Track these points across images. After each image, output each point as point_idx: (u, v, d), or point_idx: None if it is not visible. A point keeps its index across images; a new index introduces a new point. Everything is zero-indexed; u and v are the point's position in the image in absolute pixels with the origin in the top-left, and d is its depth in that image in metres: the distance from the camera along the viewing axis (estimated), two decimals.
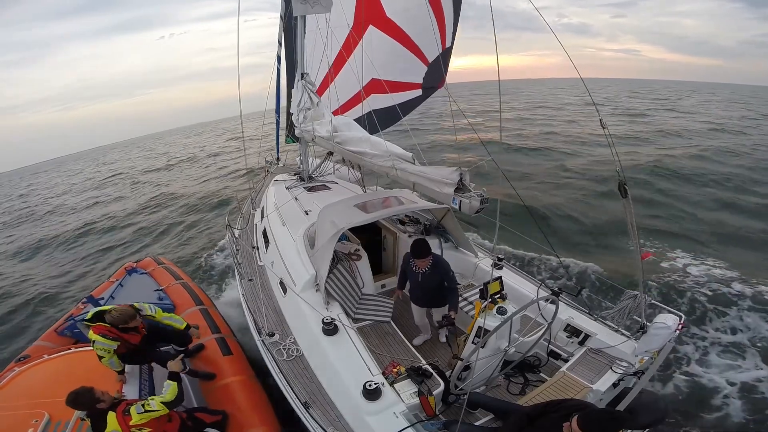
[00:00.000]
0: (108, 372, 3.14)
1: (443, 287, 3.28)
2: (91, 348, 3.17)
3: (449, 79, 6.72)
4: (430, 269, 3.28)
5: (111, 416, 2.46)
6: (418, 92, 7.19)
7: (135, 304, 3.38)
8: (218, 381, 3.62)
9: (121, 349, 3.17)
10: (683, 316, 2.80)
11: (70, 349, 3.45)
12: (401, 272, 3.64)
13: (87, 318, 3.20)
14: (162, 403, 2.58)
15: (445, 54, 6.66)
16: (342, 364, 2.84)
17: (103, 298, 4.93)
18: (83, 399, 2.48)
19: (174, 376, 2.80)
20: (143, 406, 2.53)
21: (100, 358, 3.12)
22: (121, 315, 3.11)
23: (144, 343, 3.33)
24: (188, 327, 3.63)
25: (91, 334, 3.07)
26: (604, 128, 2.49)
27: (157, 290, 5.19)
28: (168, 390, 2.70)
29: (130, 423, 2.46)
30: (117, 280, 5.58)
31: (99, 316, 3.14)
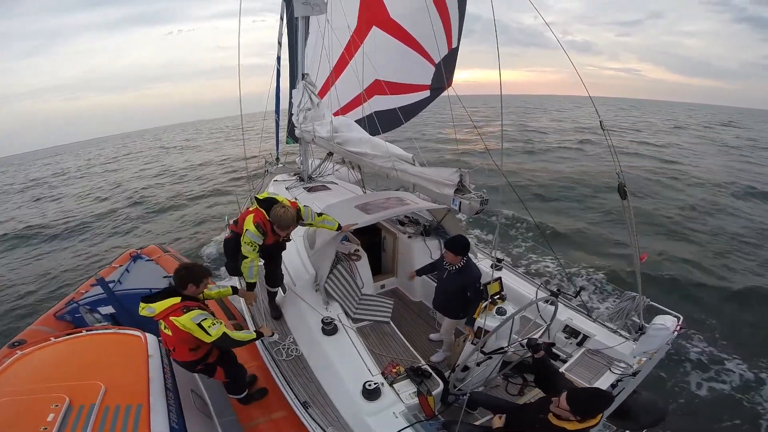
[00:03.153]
0: (128, 357, 2.87)
1: (464, 297, 3.06)
2: (107, 332, 3.06)
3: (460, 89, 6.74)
4: (456, 270, 3.08)
5: (171, 299, 2.44)
6: (426, 93, 7.19)
7: (300, 207, 3.16)
8: None
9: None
10: (681, 317, 2.81)
11: (81, 332, 3.21)
12: (431, 264, 3.56)
13: (260, 198, 2.98)
14: (224, 334, 2.47)
15: (452, 54, 6.66)
16: (341, 364, 2.85)
17: (112, 281, 4.80)
18: (187, 273, 2.50)
19: (258, 335, 2.77)
20: (204, 320, 2.41)
21: (244, 257, 2.94)
22: (285, 217, 2.85)
23: (270, 251, 3.19)
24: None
25: (248, 222, 2.88)
26: (603, 129, 2.50)
27: (166, 276, 5.04)
28: (244, 333, 2.66)
29: (170, 318, 2.40)
30: (121, 265, 5.41)
31: (269, 203, 2.93)
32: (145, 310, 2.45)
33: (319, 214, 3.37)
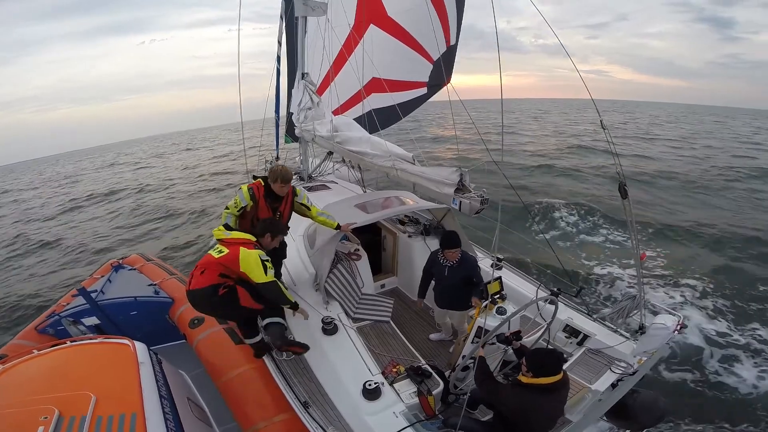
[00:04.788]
0: (117, 365, 2.79)
1: (468, 285, 3.18)
2: (93, 341, 3.01)
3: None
4: (457, 263, 3.22)
5: (248, 235, 2.76)
6: (423, 90, 7.19)
7: (297, 189, 3.36)
8: (234, 370, 3.43)
9: (247, 217, 3.18)
10: (681, 316, 2.81)
11: (66, 343, 3.07)
12: (424, 274, 3.50)
13: (255, 177, 3.25)
14: (275, 280, 2.70)
15: (450, 52, 6.67)
16: (342, 363, 2.85)
17: (95, 290, 4.63)
18: (271, 223, 2.89)
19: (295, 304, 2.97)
20: (267, 261, 2.68)
21: (226, 208, 3.16)
22: (281, 170, 3.08)
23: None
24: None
25: (243, 186, 3.17)
26: (604, 129, 2.50)
27: (151, 285, 4.87)
28: (289, 292, 2.89)
29: (242, 247, 2.65)
30: (103, 275, 5.19)
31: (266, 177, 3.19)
32: (223, 231, 2.76)
33: None
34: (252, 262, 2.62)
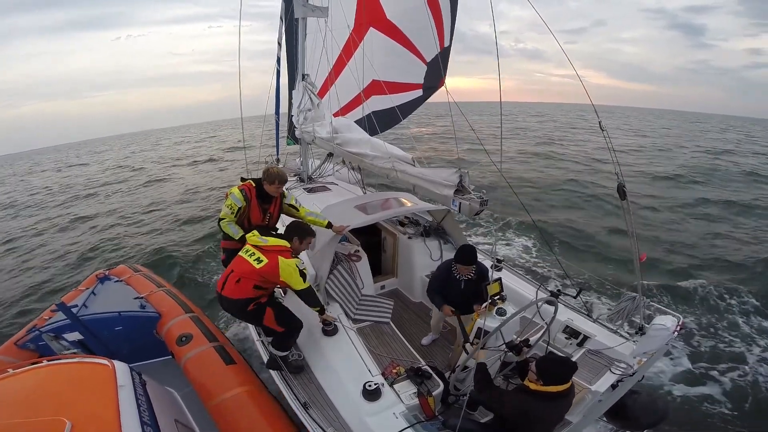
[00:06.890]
0: (95, 388, 2.57)
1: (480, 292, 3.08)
2: (70, 361, 2.79)
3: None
4: (474, 276, 3.14)
5: (284, 241, 2.80)
6: (419, 92, 7.22)
7: (284, 191, 3.42)
8: (225, 393, 3.19)
9: (238, 221, 3.21)
10: (681, 317, 2.81)
11: (42, 362, 2.79)
12: (439, 284, 3.31)
13: (244, 179, 3.30)
14: (310, 286, 2.89)
15: (444, 53, 6.70)
16: (341, 364, 2.86)
17: (76, 305, 4.32)
18: (297, 226, 2.95)
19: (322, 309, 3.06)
20: (304, 269, 2.82)
21: (220, 220, 3.16)
22: (278, 171, 3.14)
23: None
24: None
25: (233, 188, 3.20)
26: (603, 131, 2.50)
27: (138, 298, 4.59)
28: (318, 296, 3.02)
29: (280, 256, 2.72)
30: (88, 288, 4.91)
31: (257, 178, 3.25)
32: (258, 237, 2.77)
33: None
34: (292, 272, 2.72)
